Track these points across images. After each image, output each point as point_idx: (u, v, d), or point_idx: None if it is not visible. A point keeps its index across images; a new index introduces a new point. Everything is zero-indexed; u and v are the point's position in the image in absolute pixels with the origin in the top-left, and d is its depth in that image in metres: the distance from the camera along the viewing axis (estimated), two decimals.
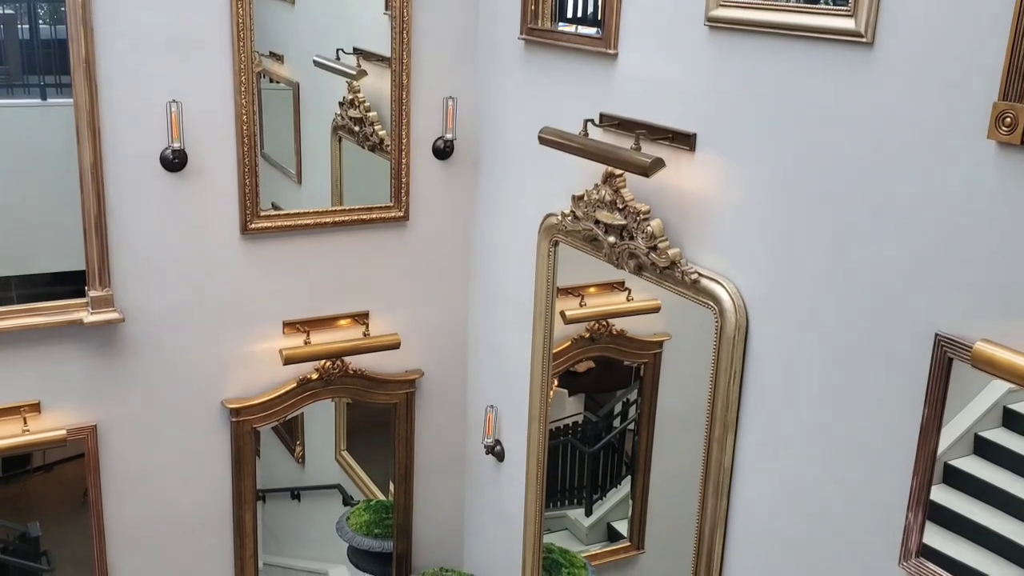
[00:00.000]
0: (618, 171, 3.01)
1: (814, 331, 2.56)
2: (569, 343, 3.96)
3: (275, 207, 3.94)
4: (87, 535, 3.86)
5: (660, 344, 3.98)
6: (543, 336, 3.81)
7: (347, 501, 4.85)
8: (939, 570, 2.27)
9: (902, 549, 2.34)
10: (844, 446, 2.50)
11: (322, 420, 4.88)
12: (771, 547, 2.79)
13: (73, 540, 3.93)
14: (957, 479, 2.30)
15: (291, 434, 4.95)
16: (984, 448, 2.27)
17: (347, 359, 4.10)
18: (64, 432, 3.63)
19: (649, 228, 2.94)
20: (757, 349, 2.74)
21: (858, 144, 2.36)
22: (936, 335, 2.18)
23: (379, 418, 4.49)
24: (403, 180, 4.04)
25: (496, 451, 4.23)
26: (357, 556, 4.63)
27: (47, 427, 3.63)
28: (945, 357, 2.17)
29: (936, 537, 2.32)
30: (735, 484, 2.87)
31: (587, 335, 3.97)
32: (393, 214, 4.07)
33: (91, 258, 3.53)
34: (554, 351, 3.87)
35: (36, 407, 3.62)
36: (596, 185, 3.13)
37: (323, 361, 4.05)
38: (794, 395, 2.64)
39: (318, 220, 3.93)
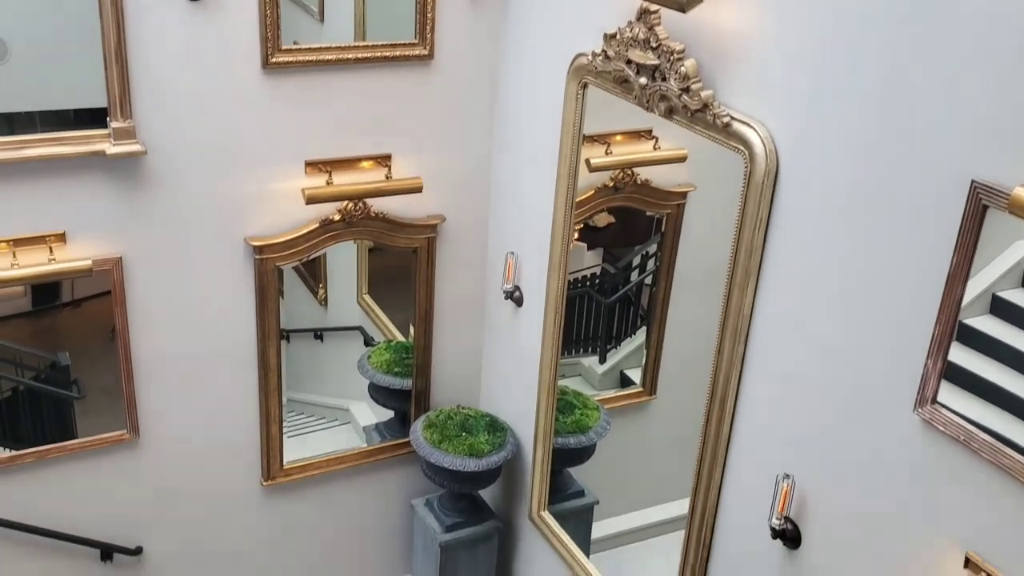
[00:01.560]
0: (653, 7, 2.90)
1: (845, 177, 2.51)
2: (592, 192, 3.93)
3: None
4: (115, 368, 3.97)
5: (684, 195, 3.94)
6: (567, 183, 3.77)
7: (368, 342, 4.95)
8: (953, 417, 2.30)
9: (918, 396, 2.37)
10: (868, 292, 2.49)
11: (344, 264, 4.92)
12: (785, 392, 2.83)
13: (102, 372, 4.05)
14: (971, 337, 2.30)
15: (314, 277, 5.01)
16: (1000, 308, 2.26)
17: (369, 201, 4.09)
18: (89, 262, 3.67)
19: (683, 68, 2.85)
20: (785, 195, 2.70)
21: None
22: (972, 182, 2.14)
23: (400, 264, 4.52)
24: (429, 16, 3.91)
25: (515, 297, 4.27)
26: (377, 392, 4.76)
27: (73, 257, 3.67)
28: (980, 204, 2.13)
29: (946, 393, 2.34)
30: (753, 329, 2.89)
31: (611, 184, 3.93)
32: (418, 52, 3.96)
33: (112, 89, 3.48)
34: (577, 200, 3.84)
35: (62, 237, 3.66)
36: (629, 23, 3.03)
37: (345, 202, 4.04)
38: (820, 241, 2.62)
39: (340, 56, 3.84)
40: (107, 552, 4.21)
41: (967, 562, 2.31)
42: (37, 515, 4.02)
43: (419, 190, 4.09)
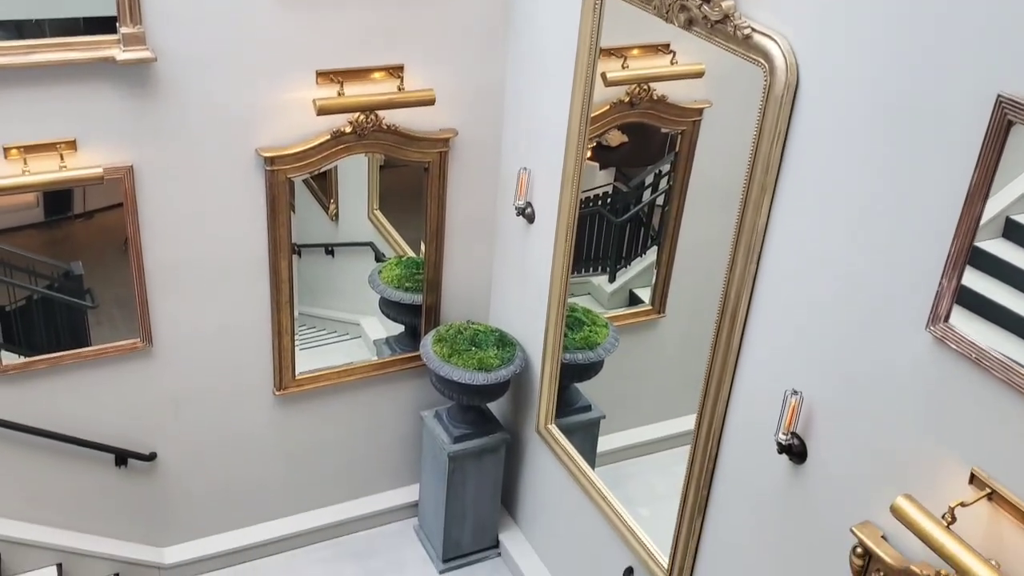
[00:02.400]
0: None
1: (866, 91, 2.47)
2: (607, 107, 3.88)
3: None
4: (128, 280, 3.99)
5: (700, 112, 3.89)
6: (582, 97, 3.72)
7: (379, 258, 4.96)
8: (965, 335, 2.30)
9: (931, 314, 2.37)
10: (886, 208, 2.47)
11: (355, 179, 4.90)
12: (796, 309, 2.84)
13: (115, 284, 4.06)
14: (984, 261, 2.29)
15: (325, 192, 4.99)
16: (1014, 231, 2.25)
17: (381, 113, 4.04)
18: (100, 170, 3.66)
19: None
20: (804, 109, 2.66)
21: None
22: (998, 96, 2.10)
23: (411, 181, 4.49)
24: None
25: (527, 213, 4.25)
26: (388, 307, 4.79)
27: (83, 165, 3.66)
28: (1005, 120, 2.09)
29: (957, 317, 2.34)
30: (767, 246, 2.88)
31: (626, 100, 3.87)
32: None
33: None
34: (592, 115, 3.79)
35: (72, 144, 3.64)
36: None
37: (356, 114, 4.00)
38: (839, 157, 2.59)
39: None
40: (122, 457, 4.30)
41: (972, 478, 2.34)
42: (53, 421, 4.09)
43: (431, 103, 4.04)
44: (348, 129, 4.02)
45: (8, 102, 3.48)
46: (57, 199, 3.93)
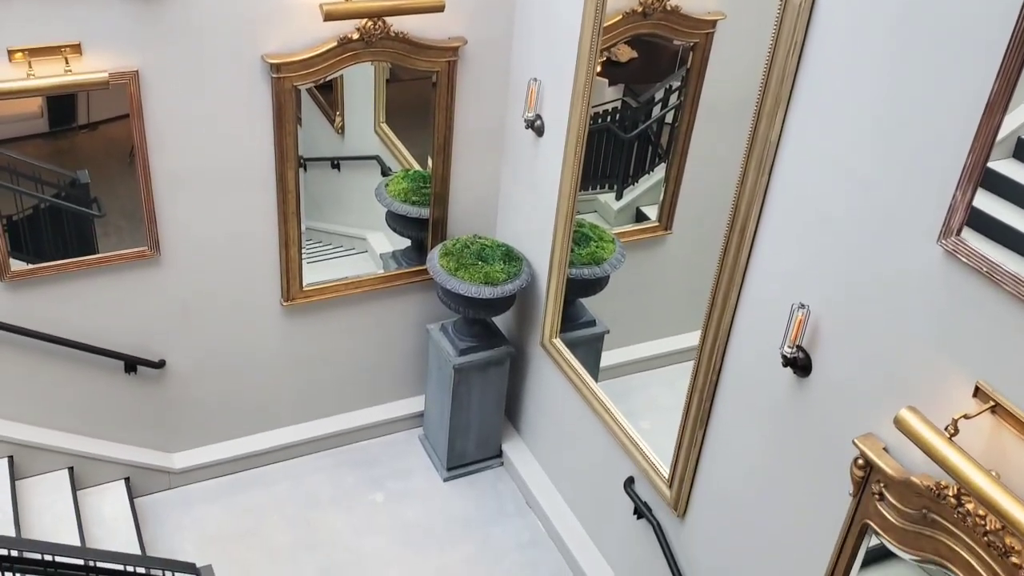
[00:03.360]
0: None
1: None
2: (620, 17, 3.81)
3: None
4: (135, 192, 3.98)
5: (714, 24, 3.83)
6: (595, 4, 3.64)
7: (385, 172, 4.93)
8: (976, 248, 2.29)
9: (943, 227, 2.35)
10: (902, 118, 2.44)
11: (361, 92, 4.84)
12: (806, 222, 2.82)
13: (122, 197, 4.05)
14: (994, 181, 2.27)
15: (331, 105, 4.93)
16: None
17: (389, 20, 3.97)
18: (106, 75, 3.61)
19: None
20: (823, 17, 2.61)
21: None
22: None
23: (417, 95, 4.44)
24: None
25: (536, 126, 4.21)
26: (395, 221, 4.78)
27: (89, 69, 3.61)
28: None
29: (965, 236, 2.33)
30: (779, 158, 2.85)
31: (639, 9, 3.80)
32: None
33: None
34: (604, 25, 3.72)
35: (77, 48, 3.58)
36: None
37: (364, 20, 3.93)
38: (856, 66, 2.54)
39: None
40: (131, 364, 4.34)
41: (976, 391, 2.36)
42: (63, 328, 4.12)
43: (441, 9, 3.96)
44: (355, 36, 3.95)
45: (12, 3, 3.42)
46: (61, 109, 3.89)
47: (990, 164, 2.24)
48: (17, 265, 3.97)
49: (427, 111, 4.40)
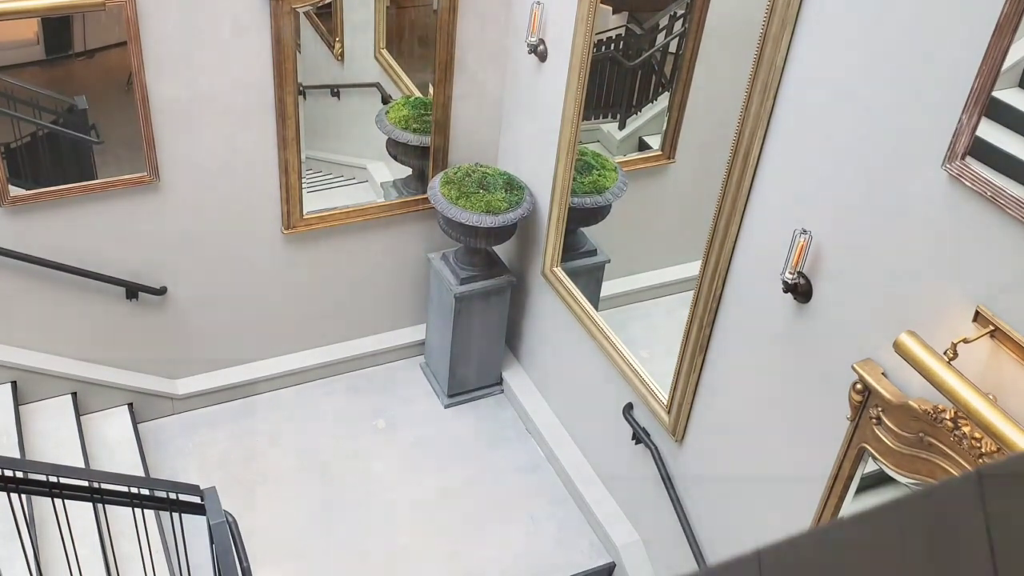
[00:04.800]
0: None
1: None
2: None
3: None
4: (133, 119, 3.93)
5: None
6: None
7: (385, 99, 4.87)
8: (982, 173, 2.28)
9: (948, 151, 2.34)
10: (911, 41, 2.40)
11: (361, 17, 4.77)
12: (812, 145, 2.80)
13: (120, 124, 4.01)
14: (998, 110, 2.24)
15: (330, 31, 4.86)
16: None
17: None
18: None
19: None
20: None
21: None
22: None
23: (418, 22, 4.37)
24: None
25: (539, 51, 4.14)
26: (395, 149, 4.74)
27: None
28: None
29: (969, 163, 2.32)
30: (784, 83, 2.82)
31: None
32: None
33: None
34: None
35: None
36: None
37: None
38: None
39: None
40: (132, 291, 4.35)
41: (976, 316, 2.36)
42: (64, 254, 4.12)
43: None
44: None
45: None
46: (58, 35, 3.84)
47: (995, 93, 2.21)
48: (16, 191, 3.95)
49: (428, 37, 4.33)
